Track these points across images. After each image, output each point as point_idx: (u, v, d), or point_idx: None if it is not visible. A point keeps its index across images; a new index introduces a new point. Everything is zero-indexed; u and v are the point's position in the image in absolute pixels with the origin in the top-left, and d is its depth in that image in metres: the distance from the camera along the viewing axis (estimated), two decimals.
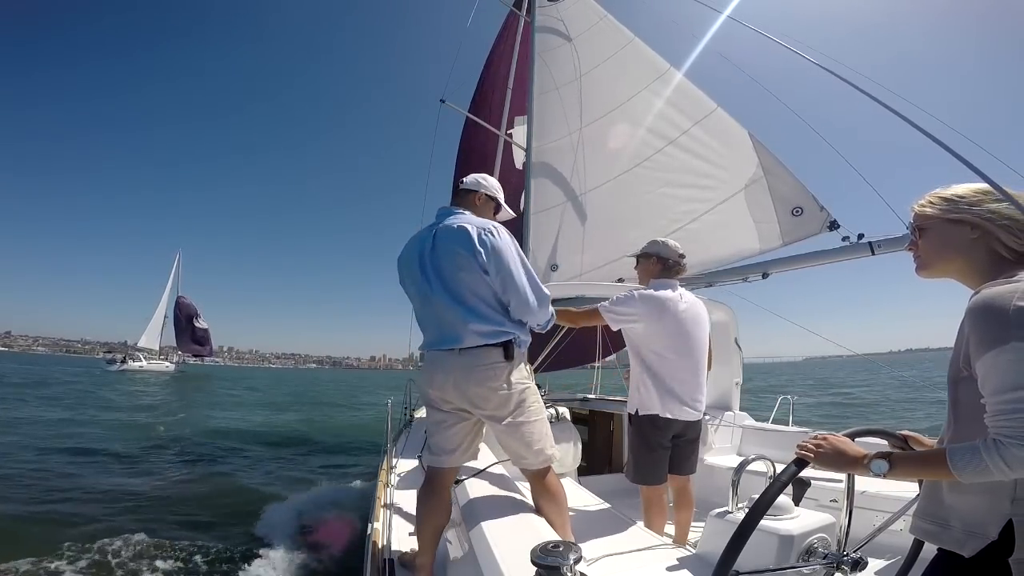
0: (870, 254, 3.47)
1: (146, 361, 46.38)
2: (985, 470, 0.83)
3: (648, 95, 5.05)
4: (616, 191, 5.02)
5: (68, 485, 6.39)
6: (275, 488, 6.72)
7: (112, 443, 9.54)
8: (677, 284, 2.45)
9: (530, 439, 1.74)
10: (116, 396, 20.62)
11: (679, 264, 2.46)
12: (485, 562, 1.33)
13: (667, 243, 2.48)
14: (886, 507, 1.99)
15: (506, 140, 6.79)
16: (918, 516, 1.05)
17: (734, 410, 3.60)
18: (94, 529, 4.75)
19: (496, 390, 1.69)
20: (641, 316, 2.31)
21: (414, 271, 1.81)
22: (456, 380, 1.70)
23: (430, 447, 1.82)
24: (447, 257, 1.74)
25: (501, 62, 7.68)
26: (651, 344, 2.33)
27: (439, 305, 1.73)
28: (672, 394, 2.29)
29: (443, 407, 1.77)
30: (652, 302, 2.31)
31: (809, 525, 1.42)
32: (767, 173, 4.31)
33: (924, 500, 1.04)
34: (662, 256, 2.45)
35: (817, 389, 24.49)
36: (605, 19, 5.66)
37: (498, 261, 1.71)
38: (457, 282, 1.72)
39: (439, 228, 1.82)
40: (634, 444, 2.37)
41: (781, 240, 4.19)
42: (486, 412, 1.73)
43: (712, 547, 1.54)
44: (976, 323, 0.89)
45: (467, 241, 1.72)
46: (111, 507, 5.60)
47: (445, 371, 1.71)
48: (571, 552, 0.96)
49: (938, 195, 1.08)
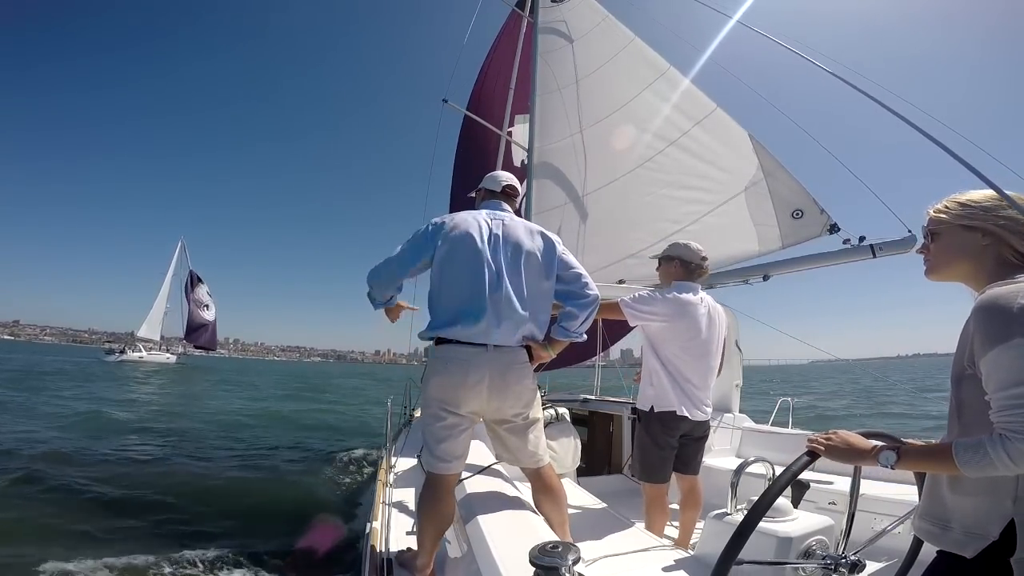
0: (871, 256, 3.48)
1: (146, 352, 45.02)
2: (989, 465, 0.84)
3: (649, 95, 5.05)
4: (617, 192, 5.02)
5: None
6: (267, 486, 6.69)
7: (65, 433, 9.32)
8: (699, 288, 2.46)
9: (540, 436, 1.80)
10: (97, 387, 19.88)
11: (701, 267, 2.47)
12: (484, 562, 1.33)
13: (689, 246, 2.48)
14: (885, 510, 1.99)
15: (507, 139, 6.79)
16: (920, 516, 1.07)
17: (734, 412, 3.60)
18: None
19: (528, 388, 1.74)
20: (663, 316, 2.33)
21: (477, 250, 1.71)
22: (492, 378, 1.66)
23: (438, 454, 1.68)
24: (523, 254, 1.76)
25: (503, 62, 7.68)
26: (670, 344, 2.35)
27: (503, 298, 1.67)
28: (686, 393, 2.32)
29: (461, 410, 1.68)
30: (676, 304, 2.34)
31: (807, 527, 1.43)
32: (767, 175, 4.31)
33: (926, 500, 1.06)
34: (685, 259, 2.46)
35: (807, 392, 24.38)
36: (607, 19, 5.66)
37: (574, 270, 1.84)
38: (529, 282, 1.74)
39: (506, 220, 1.82)
40: (642, 441, 2.38)
41: (781, 243, 4.18)
42: (512, 409, 1.73)
43: (710, 548, 1.55)
44: (981, 321, 0.92)
45: (551, 249, 1.82)
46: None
47: (479, 368, 1.65)
48: (570, 553, 0.96)
49: (955, 200, 1.09)
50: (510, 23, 7.83)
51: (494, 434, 1.82)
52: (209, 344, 42.33)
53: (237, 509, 5.46)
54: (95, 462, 7.37)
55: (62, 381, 21.51)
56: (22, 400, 13.91)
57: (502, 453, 1.85)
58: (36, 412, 11.90)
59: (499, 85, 7.41)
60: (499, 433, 1.79)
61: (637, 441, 2.42)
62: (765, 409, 4.11)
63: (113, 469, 7.05)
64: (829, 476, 2.43)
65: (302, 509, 5.40)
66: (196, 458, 8.28)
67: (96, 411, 12.53)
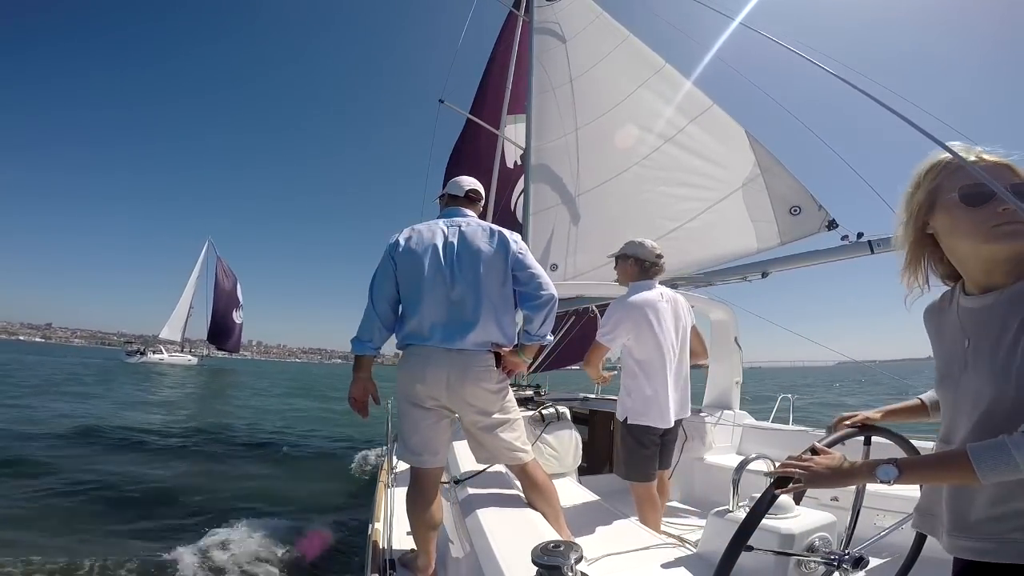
0: (869, 253, 3.48)
1: (167, 353, 44.15)
2: (1015, 468, 0.75)
3: (644, 92, 5.05)
4: (614, 190, 5.02)
5: None
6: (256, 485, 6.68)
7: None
8: (655, 283, 2.48)
9: (517, 434, 1.80)
10: (106, 390, 19.56)
11: (656, 265, 2.48)
12: (486, 562, 1.33)
13: (643, 244, 2.50)
14: (888, 506, 1.99)
15: (504, 138, 6.80)
16: (958, 533, 0.89)
17: (734, 409, 3.60)
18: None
19: (489, 390, 1.74)
20: (633, 322, 2.33)
21: (433, 259, 1.75)
22: (451, 378, 1.70)
23: (411, 447, 1.76)
24: (480, 259, 1.76)
25: (499, 62, 7.70)
26: (634, 352, 2.36)
27: (458, 304, 1.73)
28: (657, 402, 2.32)
29: (426, 404, 1.75)
30: (636, 307, 2.33)
31: (810, 524, 1.43)
32: (764, 171, 4.31)
33: (955, 514, 0.90)
34: (639, 257, 2.48)
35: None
36: (601, 17, 5.67)
37: (528, 271, 1.80)
38: (485, 286, 1.75)
39: (463, 226, 1.83)
40: (628, 444, 2.38)
41: (779, 239, 4.19)
42: (476, 409, 1.74)
43: (713, 547, 1.54)
44: None
45: (506, 249, 1.79)
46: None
47: (437, 367, 1.70)
48: (572, 552, 0.95)
49: None
50: (508, 24, 7.86)
51: (469, 436, 1.85)
52: (234, 347, 41.52)
53: (244, 505, 5.49)
54: (81, 463, 7.23)
55: (69, 386, 21.47)
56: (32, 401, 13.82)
57: (480, 454, 1.86)
58: (41, 412, 11.82)
59: (497, 86, 7.43)
60: (473, 433, 1.82)
61: (622, 444, 2.42)
62: (796, 405, 4.13)
63: (104, 468, 6.99)
64: None
65: (305, 509, 5.42)
66: (209, 457, 8.36)
67: (100, 412, 12.51)
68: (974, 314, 0.91)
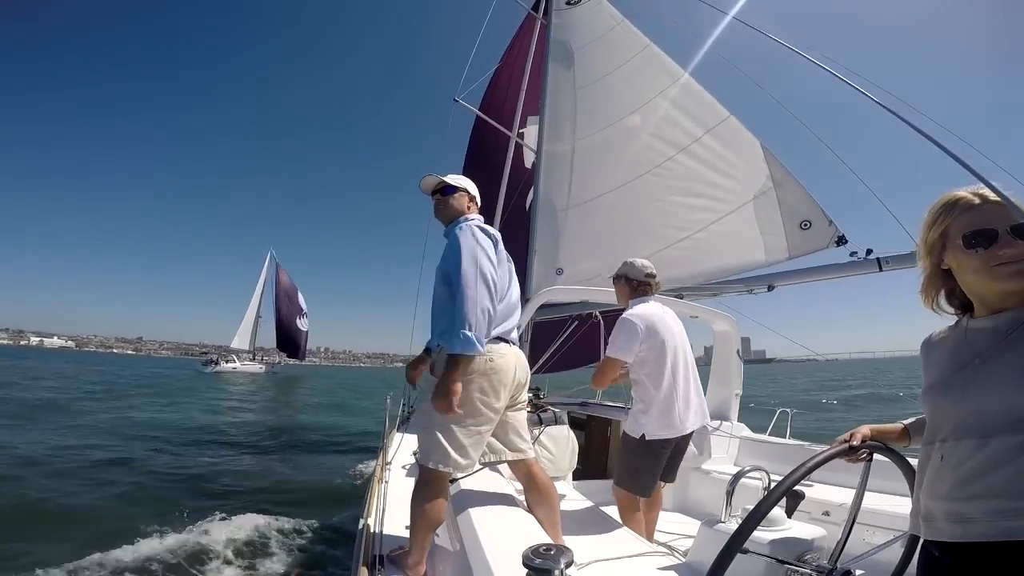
0: (878, 270, 3.46)
1: (239, 362, 45.94)
2: None
3: (661, 101, 5.03)
4: (625, 197, 5.01)
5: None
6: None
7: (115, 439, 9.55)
8: (650, 299, 2.54)
9: (522, 427, 1.86)
10: (176, 399, 19.50)
11: (646, 283, 2.55)
12: (476, 562, 1.33)
13: (634, 264, 2.58)
14: (878, 522, 1.99)
15: (517, 140, 6.80)
16: (996, 513, 0.81)
17: (732, 420, 3.59)
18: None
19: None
20: (642, 333, 2.34)
21: (498, 257, 1.77)
22: (521, 370, 1.79)
23: (471, 458, 1.65)
24: (506, 261, 1.85)
25: (516, 63, 7.70)
26: (642, 367, 2.36)
27: (516, 299, 1.85)
28: (670, 415, 2.32)
29: (501, 411, 1.71)
30: (637, 322, 2.36)
31: (801, 536, 1.43)
32: (777, 185, 4.29)
33: (993, 495, 0.82)
34: (629, 277, 2.57)
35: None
36: (622, 24, 5.65)
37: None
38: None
39: (492, 231, 1.84)
40: (639, 458, 2.36)
41: (788, 253, 4.17)
42: (519, 400, 1.83)
43: (703, 556, 1.55)
44: None
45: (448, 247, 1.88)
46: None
47: (520, 367, 1.77)
48: (562, 555, 0.96)
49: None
50: (525, 25, 7.85)
51: (500, 427, 1.88)
52: (301, 354, 41.47)
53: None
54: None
55: (153, 390, 21.88)
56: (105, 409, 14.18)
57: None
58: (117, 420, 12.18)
59: (512, 87, 7.43)
60: (504, 425, 1.87)
61: (631, 457, 2.40)
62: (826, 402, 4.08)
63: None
64: (823, 486, 2.43)
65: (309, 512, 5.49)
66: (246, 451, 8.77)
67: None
68: (986, 332, 0.92)
